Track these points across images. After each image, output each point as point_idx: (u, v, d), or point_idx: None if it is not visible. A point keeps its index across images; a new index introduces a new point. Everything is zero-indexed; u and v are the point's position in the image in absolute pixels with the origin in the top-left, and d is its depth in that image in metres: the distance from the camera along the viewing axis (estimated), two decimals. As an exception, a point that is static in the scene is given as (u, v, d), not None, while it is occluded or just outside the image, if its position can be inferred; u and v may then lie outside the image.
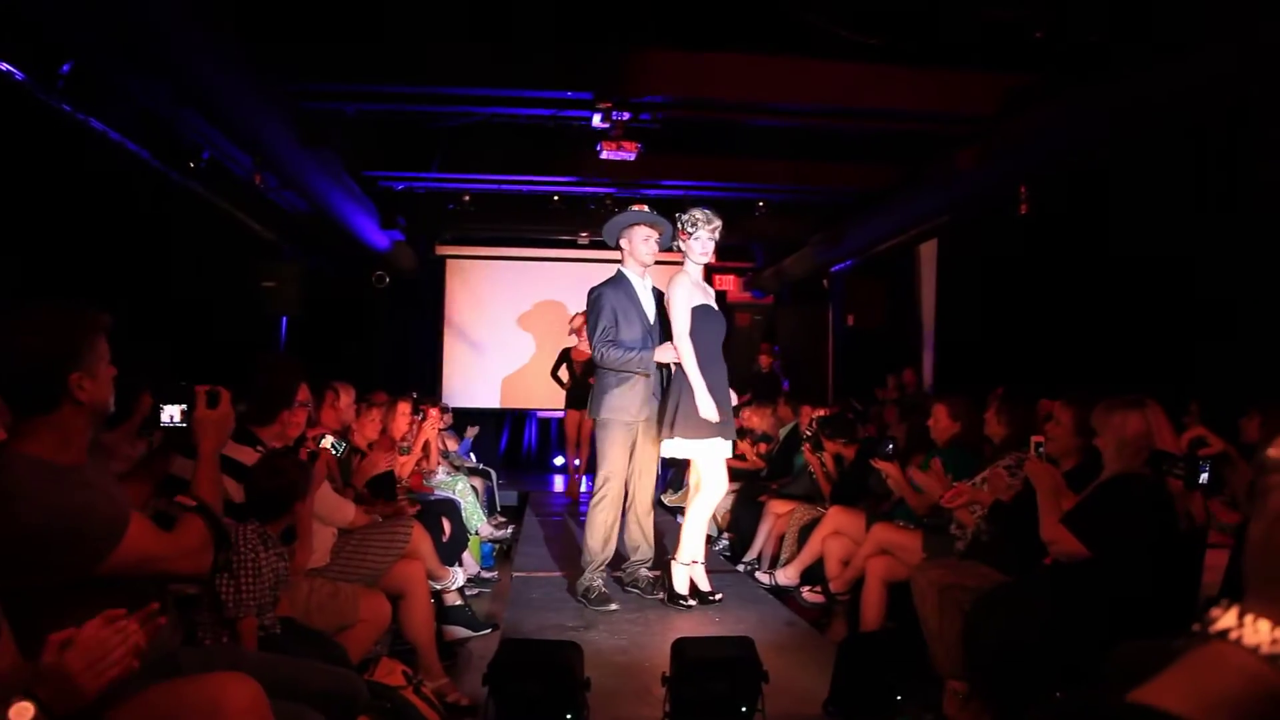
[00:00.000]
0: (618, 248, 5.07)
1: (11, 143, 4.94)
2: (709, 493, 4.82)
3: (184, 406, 2.27)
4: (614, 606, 4.63)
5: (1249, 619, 0.61)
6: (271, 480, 2.85)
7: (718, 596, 4.79)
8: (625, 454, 4.90)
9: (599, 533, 4.81)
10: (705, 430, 4.61)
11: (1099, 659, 2.74)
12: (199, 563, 2.05)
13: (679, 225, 4.88)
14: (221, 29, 4.87)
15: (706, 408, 4.56)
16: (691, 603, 4.69)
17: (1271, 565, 0.62)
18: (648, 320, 4.93)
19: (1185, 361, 5.61)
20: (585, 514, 4.96)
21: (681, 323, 4.67)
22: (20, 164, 5.00)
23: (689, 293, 4.74)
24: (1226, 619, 0.62)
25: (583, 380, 8.43)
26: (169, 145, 6.26)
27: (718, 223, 4.90)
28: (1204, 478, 2.88)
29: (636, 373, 4.82)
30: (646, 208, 5.07)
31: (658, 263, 5.11)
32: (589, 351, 5.38)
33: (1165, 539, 2.97)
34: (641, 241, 4.95)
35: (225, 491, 2.87)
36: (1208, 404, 4.61)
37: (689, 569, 4.78)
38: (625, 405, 4.83)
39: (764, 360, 11.06)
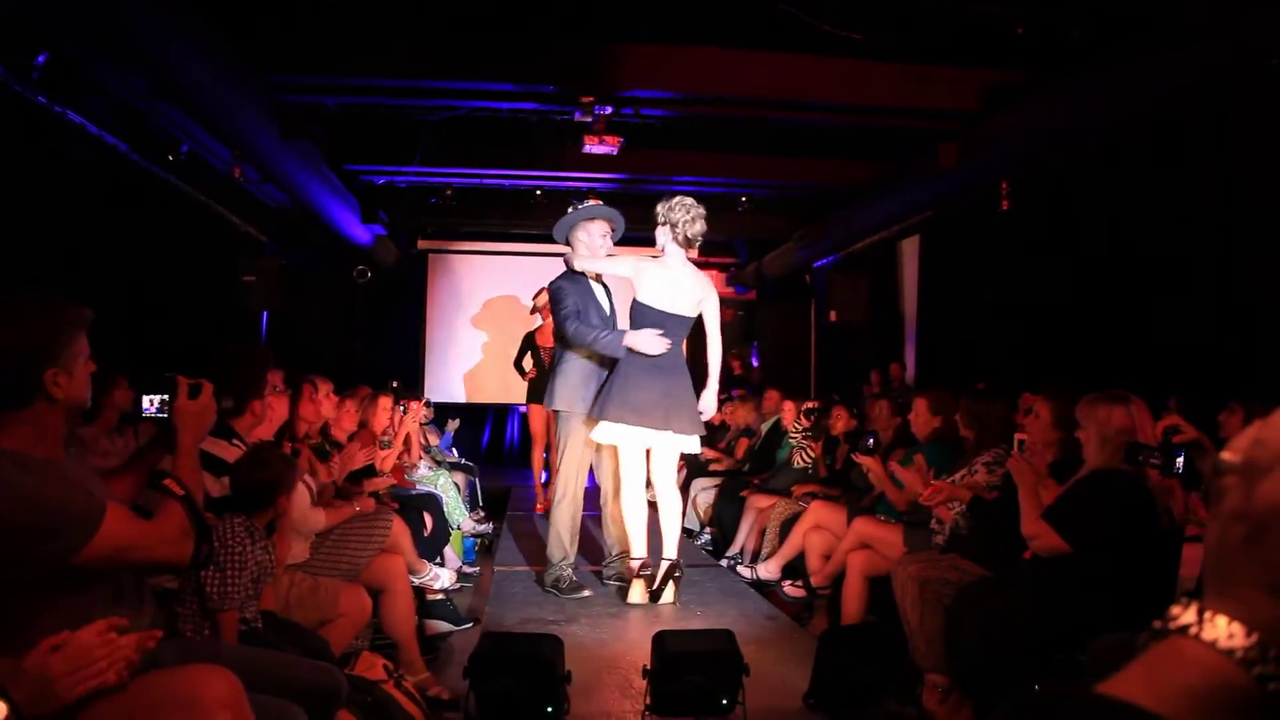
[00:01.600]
0: (568, 244, 4.91)
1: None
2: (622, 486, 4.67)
3: (165, 396, 2.24)
4: (587, 593, 4.60)
5: (1208, 615, 0.64)
6: (257, 473, 2.84)
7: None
8: (586, 448, 4.79)
9: (563, 533, 4.71)
10: (627, 417, 4.44)
11: (1078, 653, 2.76)
12: (179, 551, 2.01)
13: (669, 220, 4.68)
14: (199, 20, 4.82)
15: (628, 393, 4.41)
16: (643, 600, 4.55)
17: (1227, 564, 0.65)
18: (604, 313, 4.83)
19: (1165, 357, 5.66)
20: None
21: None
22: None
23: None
24: (1187, 615, 0.64)
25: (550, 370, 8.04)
26: (147, 138, 6.21)
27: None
28: (1179, 465, 2.90)
29: (599, 361, 4.70)
30: (600, 202, 4.95)
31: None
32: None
33: (1145, 534, 2.99)
34: (599, 237, 4.82)
35: (204, 486, 2.86)
36: (1187, 400, 4.65)
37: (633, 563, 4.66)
38: (588, 396, 4.69)
39: (735, 364, 11.12)
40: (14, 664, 1.64)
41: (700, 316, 4.74)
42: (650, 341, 4.44)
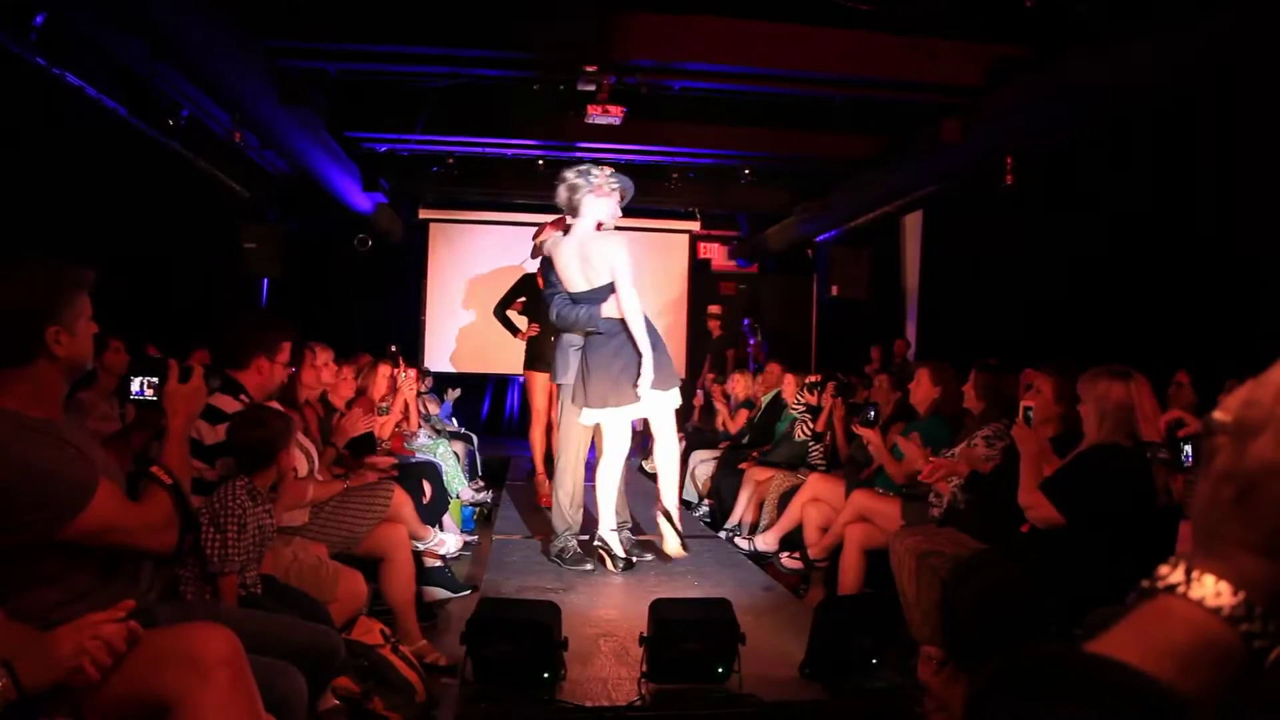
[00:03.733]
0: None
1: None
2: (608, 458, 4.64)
3: (155, 379, 2.21)
4: (589, 566, 4.61)
5: (1195, 574, 0.64)
6: (253, 431, 2.82)
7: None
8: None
9: (565, 504, 4.69)
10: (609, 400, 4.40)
11: (1073, 626, 2.78)
12: (163, 539, 2.01)
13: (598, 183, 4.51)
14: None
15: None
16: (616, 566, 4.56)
17: (1215, 523, 0.66)
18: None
19: (1169, 332, 5.65)
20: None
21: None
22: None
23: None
24: (1175, 574, 0.65)
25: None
26: (147, 102, 6.16)
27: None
28: (1188, 457, 2.90)
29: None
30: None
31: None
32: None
33: (1142, 510, 3.00)
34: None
35: (200, 433, 2.87)
36: (1195, 373, 4.65)
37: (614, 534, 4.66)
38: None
39: (712, 325, 11.08)
40: (20, 637, 1.66)
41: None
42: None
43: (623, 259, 4.34)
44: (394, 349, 6.31)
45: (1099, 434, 3.08)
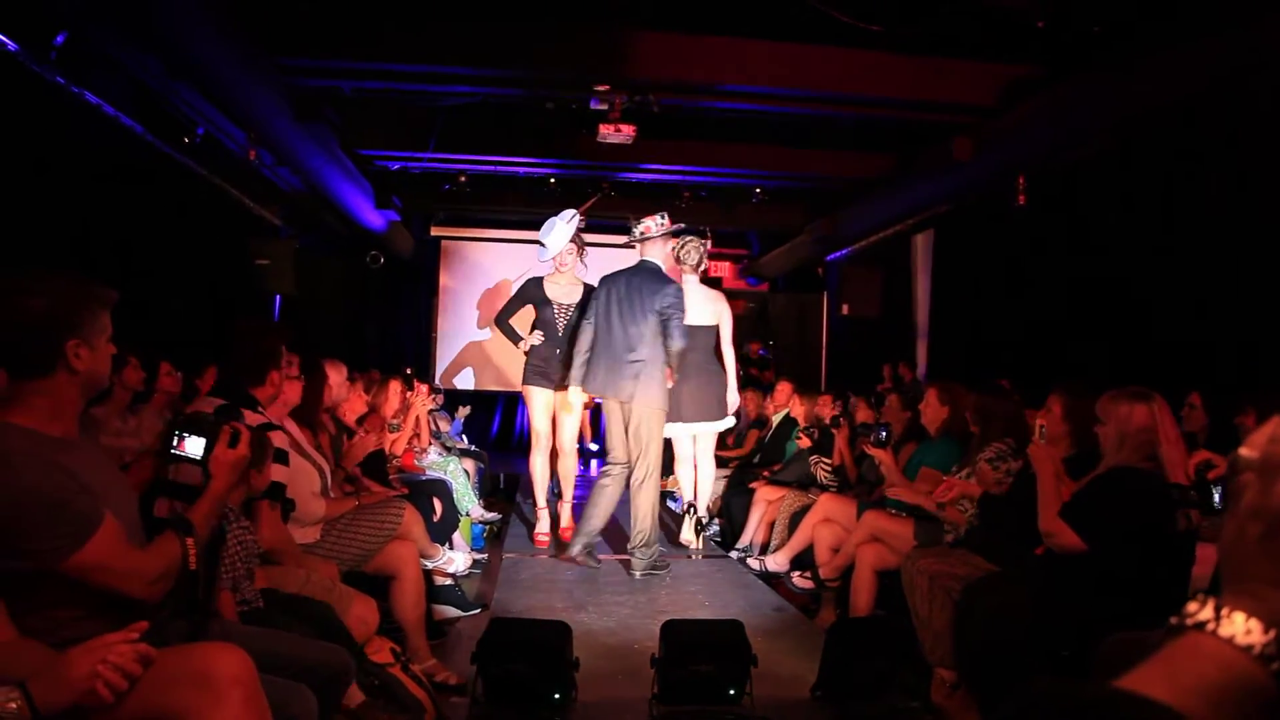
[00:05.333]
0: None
1: (3, 114, 4.89)
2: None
3: (204, 440, 2.12)
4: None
5: (1225, 611, 0.64)
6: None
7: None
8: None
9: (650, 514, 5.11)
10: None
11: (1087, 650, 2.75)
12: (149, 592, 1.94)
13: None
14: (217, 3, 4.83)
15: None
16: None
17: (1243, 561, 0.66)
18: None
19: (1181, 354, 5.62)
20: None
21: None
22: (12, 136, 4.95)
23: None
24: (1204, 611, 0.65)
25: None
26: (164, 120, 6.22)
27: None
28: (1218, 501, 2.86)
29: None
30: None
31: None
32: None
33: (1160, 533, 2.97)
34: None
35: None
36: (1208, 396, 4.62)
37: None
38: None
39: (753, 346, 11.14)
40: (35, 658, 1.66)
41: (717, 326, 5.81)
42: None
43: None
44: (408, 371, 6.32)
45: (1119, 456, 3.04)
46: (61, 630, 1.79)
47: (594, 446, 10.72)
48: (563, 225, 5.65)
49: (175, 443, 2.11)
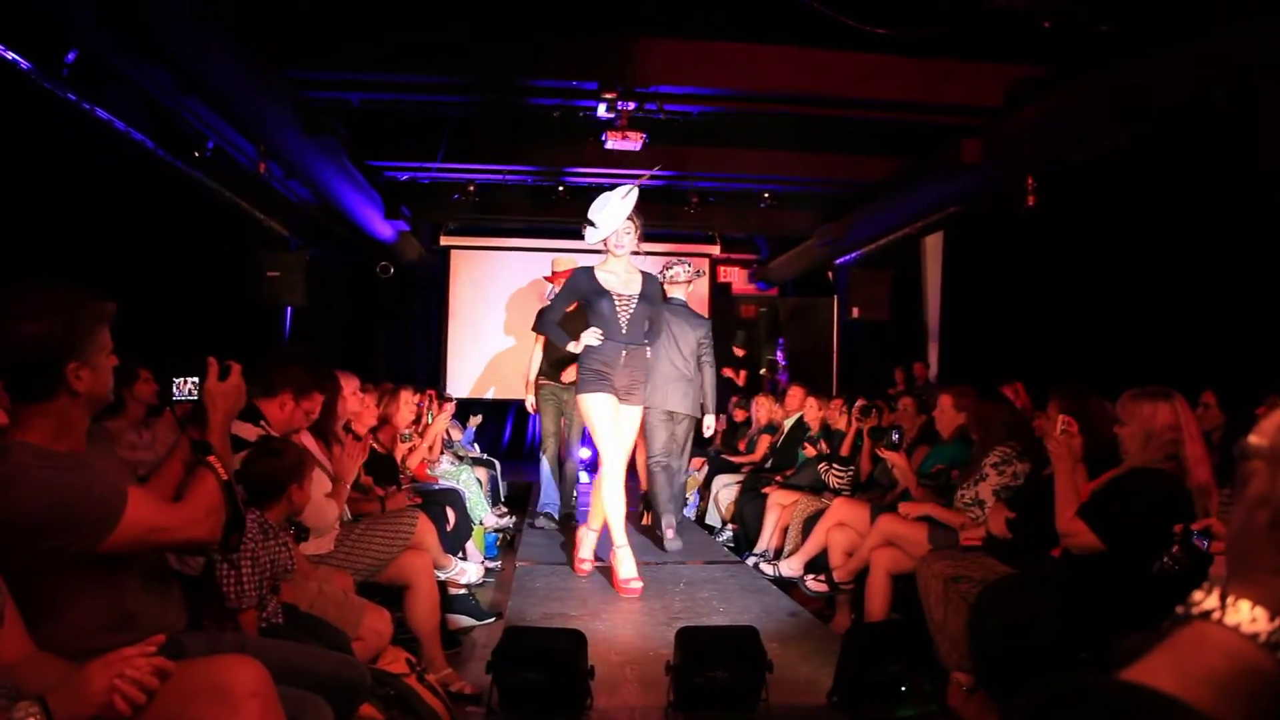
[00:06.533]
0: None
1: (16, 131, 4.93)
2: None
3: (195, 379, 2.25)
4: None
5: (1230, 599, 0.64)
6: (265, 461, 2.78)
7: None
8: None
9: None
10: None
11: (1104, 651, 2.73)
12: (207, 529, 2.01)
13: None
14: (225, 17, 4.86)
15: None
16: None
17: (1250, 548, 0.66)
18: None
19: (1192, 354, 5.59)
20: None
21: None
22: (25, 152, 4.99)
23: None
24: (1209, 600, 0.65)
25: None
26: (174, 134, 6.26)
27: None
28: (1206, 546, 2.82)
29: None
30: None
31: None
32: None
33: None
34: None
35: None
36: (1223, 394, 4.60)
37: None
38: None
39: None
40: (53, 672, 1.67)
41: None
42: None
43: None
44: (431, 393, 6.37)
45: (1142, 457, 3.02)
46: (83, 641, 1.80)
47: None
48: (618, 201, 4.74)
49: (174, 390, 2.25)
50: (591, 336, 4.73)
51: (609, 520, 4.82)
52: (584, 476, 7.37)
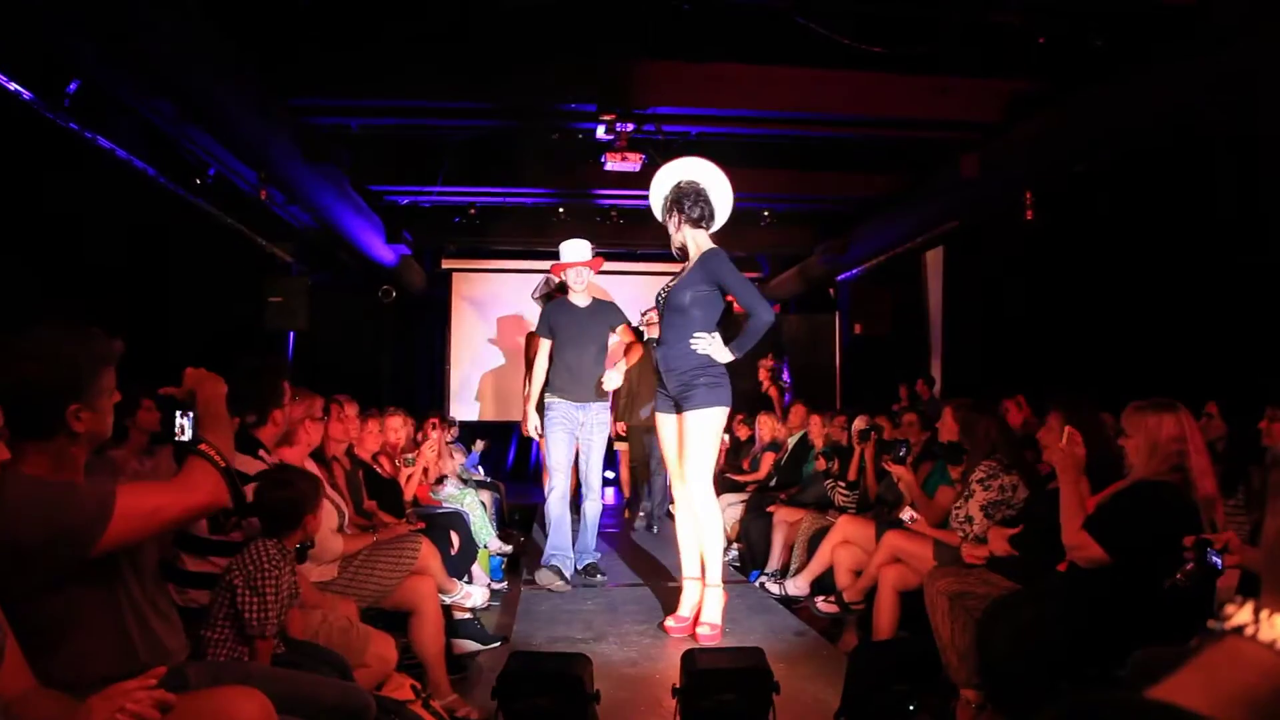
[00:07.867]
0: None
1: (19, 161, 4.95)
2: None
3: (189, 413, 2.25)
4: None
5: (1264, 614, 0.61)
6: (280, 492, 2.76)
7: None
8: None
9: None
10: None
11: (1113, 666, 2.71)
12: (213, 494, 1.99)
13: None
14: (225, 45, 4.89)
15: None
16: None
17: None
18: None
19: (1193, 366, 5.58)
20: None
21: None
22: (29, 182, 5.02)
23: None
24: (1242, 615, 0.62)
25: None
26: (176, 162, 6.29)
27: None
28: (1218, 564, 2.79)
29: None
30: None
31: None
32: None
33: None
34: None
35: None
36: (1227, 404, 4.59)
37: None
38: None
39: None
40: (55, 708, 1.66)
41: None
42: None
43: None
44: (434, 421, 6.36)
45: (1148, 469, 3.00)
46: (84, 673, 1.79)
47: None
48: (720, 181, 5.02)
49: (176, 429, 2.26)
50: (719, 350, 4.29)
51: (706, 555, 4.28)
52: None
